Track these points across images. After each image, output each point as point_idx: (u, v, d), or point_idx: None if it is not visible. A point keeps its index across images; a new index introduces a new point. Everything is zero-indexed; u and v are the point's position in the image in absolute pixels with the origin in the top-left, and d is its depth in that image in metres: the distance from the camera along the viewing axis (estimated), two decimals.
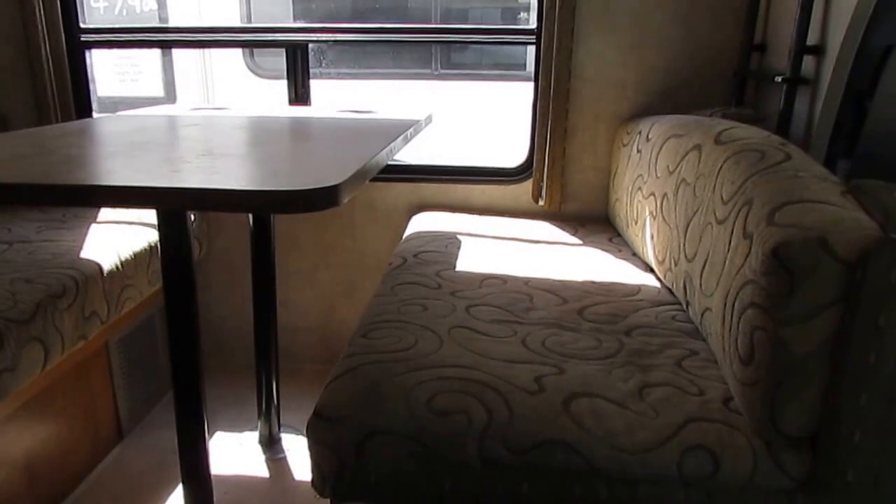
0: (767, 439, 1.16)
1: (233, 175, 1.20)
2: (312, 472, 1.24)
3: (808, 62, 1.92)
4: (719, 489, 1.16)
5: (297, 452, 2.19)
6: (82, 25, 2.59)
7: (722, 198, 1.40)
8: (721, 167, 1.46)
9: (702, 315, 1.44)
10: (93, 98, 2.70)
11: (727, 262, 1.29)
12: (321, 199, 0.99)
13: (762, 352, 1.12)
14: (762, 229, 1.16)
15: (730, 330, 1.23)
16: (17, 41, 2.51)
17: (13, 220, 2.30)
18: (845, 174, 1.80)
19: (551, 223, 2.43)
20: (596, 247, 2.17)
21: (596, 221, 2.47)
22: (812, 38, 1.90)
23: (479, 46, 5.31)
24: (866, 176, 1.27)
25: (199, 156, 1.31)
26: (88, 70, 2.65)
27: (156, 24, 5.05)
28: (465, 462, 1.18)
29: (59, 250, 1.97)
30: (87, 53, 2.63)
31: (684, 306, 1.61)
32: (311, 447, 1.22)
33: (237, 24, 5.03)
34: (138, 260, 2.07)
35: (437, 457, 1.18)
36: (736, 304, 1.20)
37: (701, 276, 1.45)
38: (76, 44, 2.57)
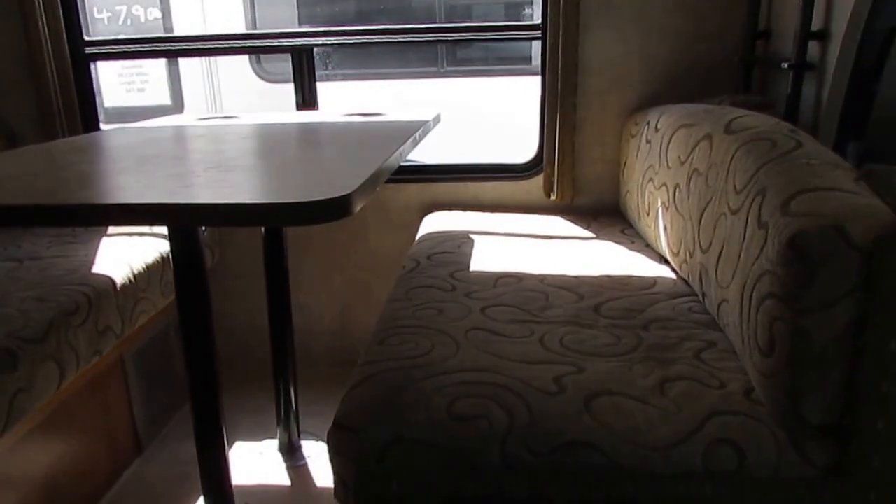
0: (791, 430, 1.15)
1: (243, 188, 1.19)
2: (335, 481, 1.24)
3: (813, 47, 1.91)
4: (745, 482, 1.15)
5: (318, 459, 2.19)
6: (86, 38, 2.60)
7: (735, 187, 1.39)
8: (733, 156, 1.45)
9: (718, 306, 1.43)
10: (99, 110, 2.71)
11: (743, 253, 1.28)
12: (333, 209, 0.99)
13: (782, 342, 1.11)
14: (777, 219, 1.15)
15: (748, 321, 1.22)
16: (22, 56, 2.52)
17: (23, 235, 2.31)
18: (855, 158, 1.78)
19: (563, 217, 2.42)
20: (609, 240, 2.16)
21: (608, 214, 2.46)
22: (816, 23, 1.89)
23: (484, 42, 5.28)
24: (877, 158, 1.25)
25: (208, 168, 1.31)
26: (94, 82, 2.66)
27: (160, 33, 5.07)
28: (488, 467, 1.17)
29: (70, 266, 1.97)
30: (93, 65, 2.64)
31: (700, 298, 1.60)
32: (332, 457, 1.22)
33: (242, 30, 5.04)
34: (151, 272, 2.07)
35: (459, 462, 1.17)
36: (753, 295, 1.19)
37: (716, 267, 1.43)
38: (81, 56, 2.58)
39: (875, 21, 1.70)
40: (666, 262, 1.91)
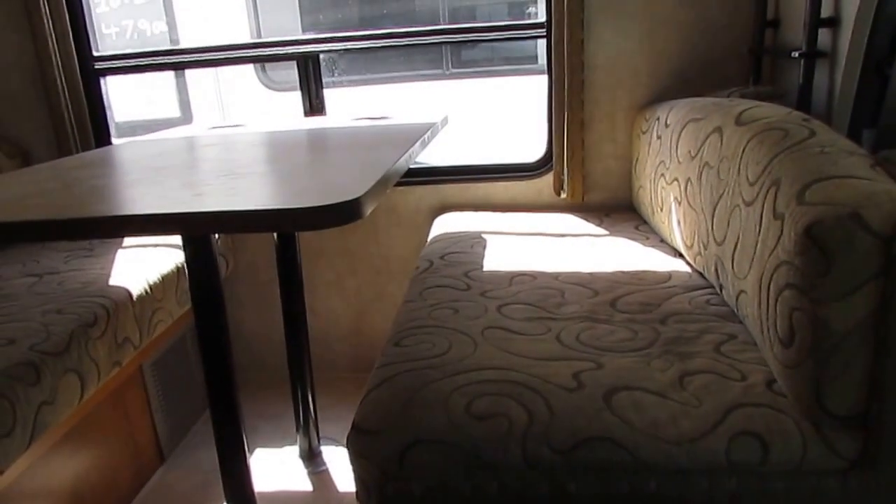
0: (815, 421, 1.13)
1: (254, 194, 1.20)
2: (356, 485, 1.24)
3: (823, 35, 1.89)
4: (770, 475, 1.14)
5: (339, 464, 2.19)
6: (95, 53, 2.62)
7: (748, 179, 1.38)
8: (744, 148, 1.43)
9: (736, 298, 1.42)
10: (110, 124, 2.73)
11: (759, 244, 1.27)
12: (344, 213, 0.99)
13: (803, 333, 1.10)
14: (793, 209, 1.14)
15: (767, 312, 1.21)
16: (33, 74, 2.55)
17: (41, 251, 2.33)
18: (870, 145, 1.77)
19: (575, 215, 2.41)
20: (623, 236, 2.15)
21: (620, 210, 2.45)
22: (826, 10, 1.87)
23: (488, 43, 5.28)
24: (892, 145, 1.24)
25: (219, 177, 1.31)
26: (104, 97, 2.68)
27: (167, 46, 5.10)
28: (510, 465, 1.17)
29: (87, 279, 1.99)
30: (102, 80, 2.66)
31: (717, 290, 1.59)
32: (352, 461, 1.22)
33: (247, 40, 5.06)
34: (166, 282, 2.08)
35: (480, 462, 1.17)
36: (772, 286, 1.18)
37: (732, 259, 1.42)
38: (91, 72, 2.60)
39: (887, 5, 1.68)
40: (681, 256, 1.90)
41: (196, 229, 1.22)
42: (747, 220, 1.34)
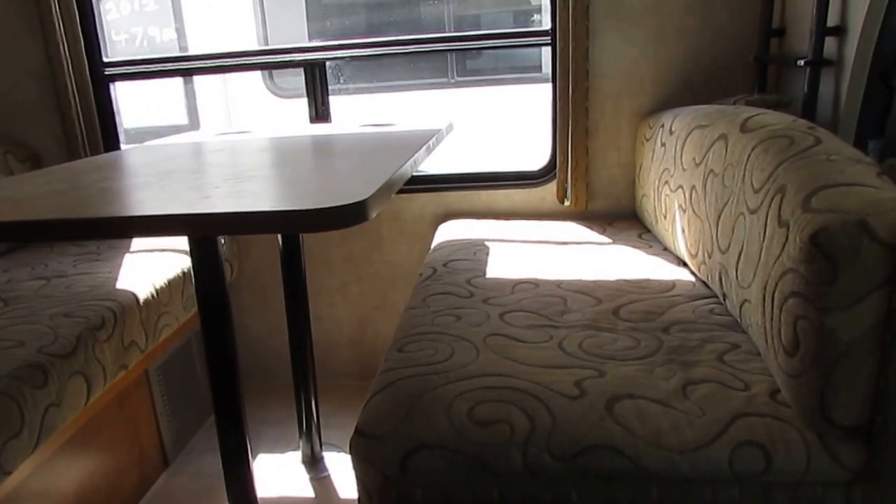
0: (820, 431, 1.13)
1: (261, 197, 1.20)
2: (358, 490, 1.24)
3: (829, 43, 1.89)
4: (774, 485, 1.14)
5: (341, 470, 2.19)
6: (105, 59, 2.64)
7: (753, 187, 1.37)
8: (749, 155, 1.43)
9: (740, 307, 1.42)
10: (119, 130, 2.74)
11: (763, 252, 1.26)
12: (350, 215, 0.99)
13: (807, 342, 1.10)
14: (798, 216, 1.14)
15: (772, 321, 1.21)
16: (44, 79, 2.57)
17: (49, 254, 2.34)
18: (877, 155, 1.76)
19: (579, 223, 2.41)
20: (626, 244, 2.15)
21: (624, 218, 2.45)
22: (832, 19, 1.87)
23: (493, 51, 5.30)
24: None
25: (226, 180, 1.32)
26: (114, 102, 2.70)
27: (176, 53, 5.13)
28: (511, 472, 1.16)
29: (95, 282, 2.00)
30: (112, 86, 2.68)
31: (721, 299, 1.59)
32: (355, 466, 1.22)
33: (255, 47, 5.08)
34: (172, 287, 2.09)
35: (481, 468, 1.17)
36: (776, 295, 1.18)
37: (736, 267, 1.42)
38: (101, 77, 2.63)
39: (893, 14, 1.69)
40: (684, 264, 1.90)
41: (203, 230, 1.22)
42: (752, 228, 1.34)
